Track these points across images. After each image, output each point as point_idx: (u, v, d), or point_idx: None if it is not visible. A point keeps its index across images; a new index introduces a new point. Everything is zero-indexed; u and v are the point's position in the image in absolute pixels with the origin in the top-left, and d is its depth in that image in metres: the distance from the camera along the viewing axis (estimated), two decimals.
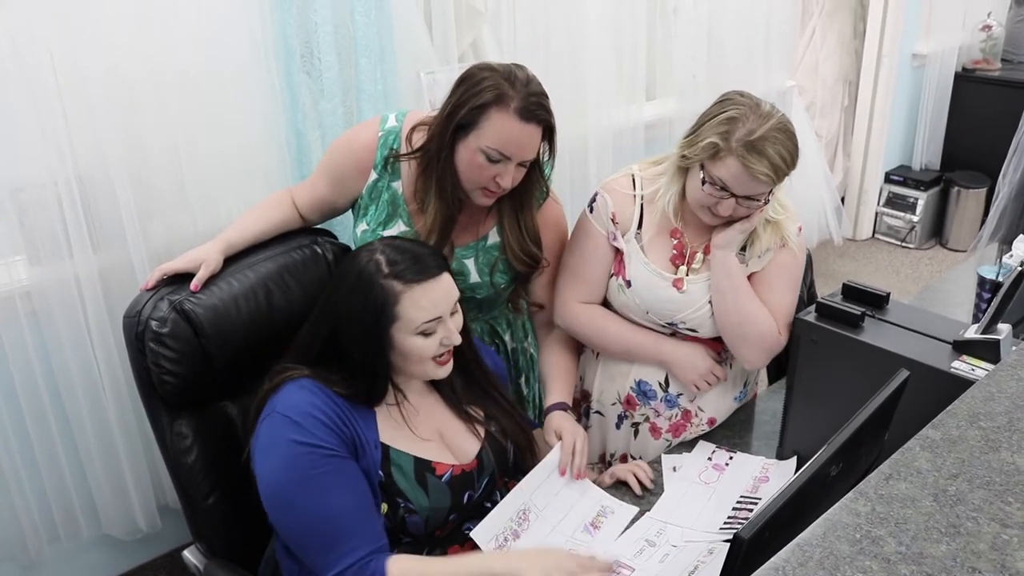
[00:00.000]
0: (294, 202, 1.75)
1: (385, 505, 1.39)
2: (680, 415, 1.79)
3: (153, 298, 1.49)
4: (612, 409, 1.83)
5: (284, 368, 1.40)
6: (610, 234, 1.70)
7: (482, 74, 1.54)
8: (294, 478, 1.29)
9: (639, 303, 1.70)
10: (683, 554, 1.45)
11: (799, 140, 1.57)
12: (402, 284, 1.35)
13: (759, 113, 1.52)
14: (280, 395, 1.35)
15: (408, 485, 1.39)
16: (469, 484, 1.48)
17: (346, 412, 1.36)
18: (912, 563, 0.81)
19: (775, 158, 1.50)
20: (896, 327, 1.53)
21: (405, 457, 1.41)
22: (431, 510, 1.41)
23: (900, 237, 4.63)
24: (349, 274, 1.39)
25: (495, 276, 1.74)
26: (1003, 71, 4.55)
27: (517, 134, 1.53)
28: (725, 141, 1.51)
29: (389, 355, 1.39)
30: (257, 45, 2.01)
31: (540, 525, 1.53)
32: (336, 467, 1.31)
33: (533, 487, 1.58)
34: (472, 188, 1.61)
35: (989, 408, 1.06)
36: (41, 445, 2.02)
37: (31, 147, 1.81)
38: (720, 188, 1.55)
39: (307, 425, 1.30)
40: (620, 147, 2.92)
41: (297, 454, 1.29)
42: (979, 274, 2.04)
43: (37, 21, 1.73)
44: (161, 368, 1.46)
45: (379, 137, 1.70)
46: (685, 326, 1.71)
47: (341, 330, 1.38)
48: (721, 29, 3.19)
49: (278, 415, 1.32)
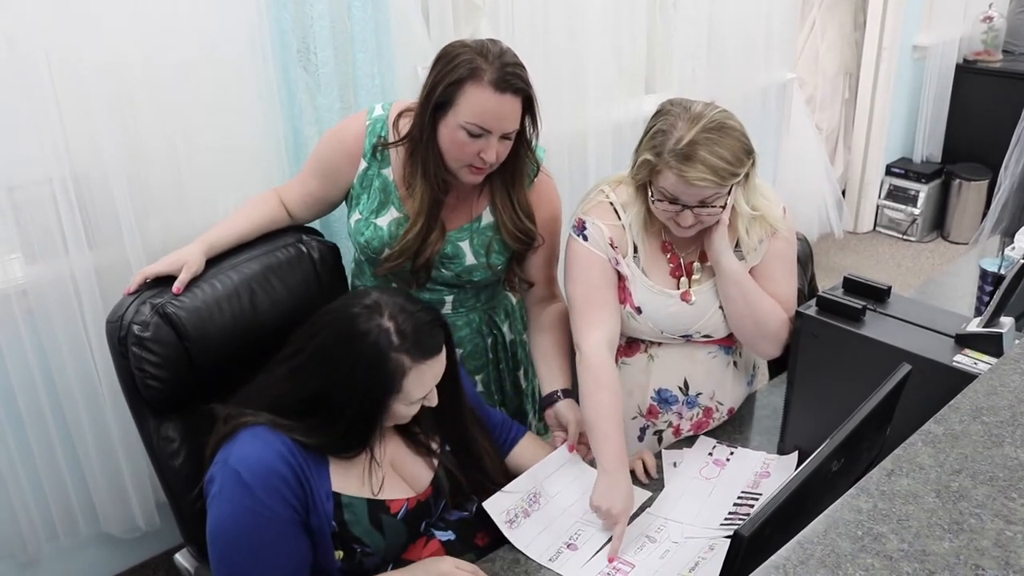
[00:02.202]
0: (282, 200, 1.75)
1: (340, 552, 1.36)
2: (702, 413, 1.77)
3: (135, 302, 1.48)
4: (633, 423, 1.79)
5: (240, 412, 1.35)
6: (612, 259, 1.66)
7: (456, 51, 1.55)
8: (233, 536, 1.29)
9: (652, 326, 1.68)
10: (684, 550, 1.44)
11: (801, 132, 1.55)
12: (411, 360, 1.32)
13: (688, 117, 1.48)
14: (235, 444, 1.31)
15: (363, 530, 1.37)
16: (425, 512, 1.47)
17: (299, 463, 1.31)
18: (915, 560, 0.80)
19: (711, 160, 1.45)
20: (898, 321, 1.52)
21: (358, 502, 1.37)
22: (387, 548, 1.40)
23: (901, 230, 4.61)
24: (351, 340, 1.32)
25: (491, 257, 1.74)
26: (1004, 62, 4.53)
27: (494, 105, 1.52)
28: (658, 156, 1.49)
29: (378, 417, 1.36)
30: (253, 40, 1.99)
31: (550, 508, 1.55)
32: (276, 534, 1.29)
33: (545, 474, 1.61)
34: (458, 166, 1.60)
35: (992, 402, 1.05)
36: (39, 443, 2.02)
37: (26, 144, 1.79)
38: (671, 201, 1.52)
39: (256, 486, 1.27)
40: (619, 141, 2.91)
41: (242, 515, 1.28)
42: (981, 267, 2.02)
43: (32, 17, 1.71)
44: (145, 372, 1.45)
45: (367, 126, 1.71)
46: (700, 335, 1.69)
47: (334, 389, 1.33)
48: (721, 22, 3.18)
49: (230, 468, 1.29)
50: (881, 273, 4.21)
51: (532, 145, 1.68)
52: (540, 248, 1.77)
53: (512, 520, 1.51)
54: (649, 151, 1.51)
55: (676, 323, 1.67)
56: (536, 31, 2.55)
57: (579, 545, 1.49)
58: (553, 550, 1.48)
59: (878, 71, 4.37)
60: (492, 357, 1.92)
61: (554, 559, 1.46)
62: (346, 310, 1.35)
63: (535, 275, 1.81)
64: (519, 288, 1.83)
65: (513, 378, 1.99)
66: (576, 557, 1.46)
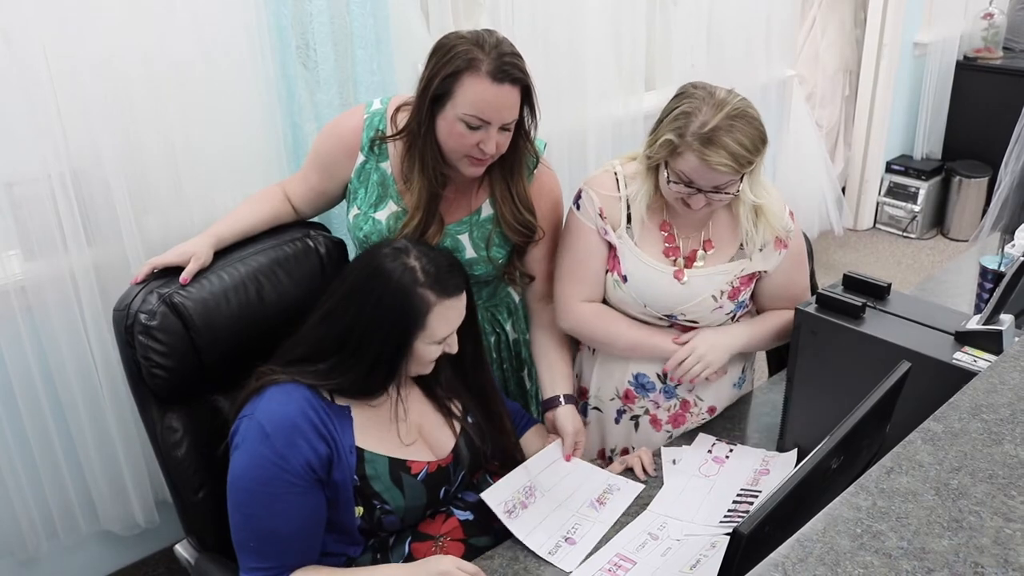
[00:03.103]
0: (287, 196, 1.74)
1: (360, 508, 1.40)
2: (679, 405, 1.78)
3: (142, 291, 1.48)
4: (611, 404, 1.82)
5: (271, 370, 1.40)
6: (600, 229, 1.68)
7: (452, 42, 1.54)
8: (252, 486, 1.33)
9: (636, 297, 1.68)
10: (686, 548, 1.44)
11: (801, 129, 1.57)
12: (435, 296, 1.38)
13: (713, 103, 1.50)
14: (263, 399, 1.36)
15: (383, 486, 1.40)
16: (445, 479, 1.49)
17: (323, 418, 1.36)
18: (914, 558, 0.80)
19: (733, 146, 1.48)
20: (897, 318, 1.52)
21: (380, 459, 1.41)
22: (407, 509, 1.43)
23: (901, 227, 4.61)
24: (378, 276, 1.38)
25: (491, 250, 1.73)
26: (1005, 60, 4.53)
27: (492, 96, 1.51)
28: (680, 137, 1.50)
29: (402, 358, 1.40)
30: (252, 37, 1.99)
31: (546, 501, 1.56)
32: (291, 486, 1.33)
33: (538, 469, 1.61)
34: (457, 158, 1.60)
35: (992, 400, 1.05)
36: (38, 441, 2.01)
37: (25, 141, 1.79)
38: (686, 184, 1.53)
39: (277, 439, 1.32)
40: (619, 138, 2.90)
41: (261, 466, 1.32)
42: (981, 264, 2.02)
43: (30, 14, 1.71)
44: (151, 362, 1.45)
45: (364, 120, 1.70)
46: (685, 318, 1.69)
47: (361, 329, 1.37)
48: (721, 18, 3.17)
49: (256, 421, 1.33)
50: (881, 270, 4.21)
51: (531, 136, 1.67)
52: (541, 241, 1.76)
53: (511, 511, 1.51)
54: (672, 131, 1.51)
55: (662, 299, 1.68)
56: (536, 27, 2.54)
57: (577, 539, 1.49)
58: (552, 543, 1.48)
59: (878, 68, 4.36)
60: (496, 356, 1.92)
61: (553, 552, 1.46)
62: (374, 252, 1.43)
63: (536, 269, 1.80)
64: (519, 282, 1.83)
65: (517, 378, 1.99)
66: (575, 551, 1.46)
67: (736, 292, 1.68)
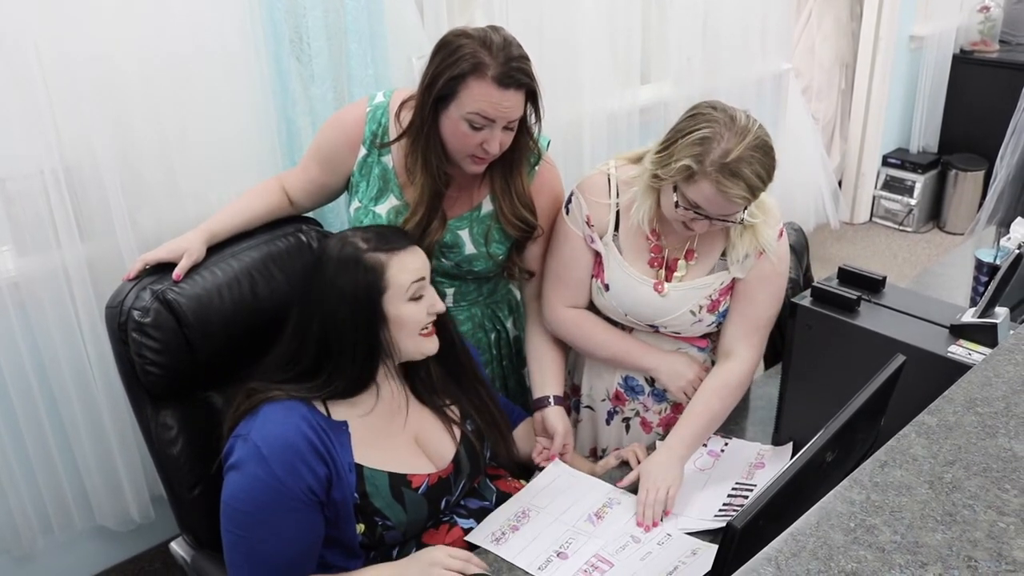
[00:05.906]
0: (284, 189, 1.74)
1: (361, 525, 1.38)
2: (670, 409, 1.78)
3: (135, 288, 1.48)
4: (602, 405, 1.82)
5: (264, 387, 1.38)
6: (586, 236, 1.67)
7: (458, 41, 1.51)
8: (248, 508, 1.30)
9: (616, 306, 1.68)
10: (666, 552, 1.43)
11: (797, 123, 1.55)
12: (385, 254, 1.39)
13: (735, 130, 1.42)
14: (258, 418, 1.33)
15: (384, 503, 1.39)
16: (446, 490, 1.48)
17: (321, 436, 1.34)
18: (907, 552, 0.80)
19: (752, 179, 1.42)
20: (892, 311, 1.52)
21: (380, 475, 1.39)
22: (408, 523, 1.42)
23: (897, 220, 4.61)
24: (328, 262, 1.39)
25: (491, 246, 1.73)
26: (1001, 52, 4.52)
27: (497, 100, 1.50)
28: (699, 164, 1.42)
29: (381, 332, 1.39)
30: (246, 30, 1.98)
31: (542, 518, 1.53)
32: (288, 509, 1.30)
33: (534, 492, 1.58)
34: (461, 156, 1.59)
35: (986, 393, 1.05)
36: (32, 437, 2.01)
37: (17, 136, 1.78)
38: (694, 208, 1.48)
39: (273, 461, 1.29)
40: (615, 131, 2.90)
41: (258, 488, 1.29)
42: (977, 257, 2.02)
43: (21, 8, 1.70)
44: (144, 359, 1.45)
45: (367, 112, 1.69)
46: (668, 329, 1.69)
47: (330, 317, 1.36)
48: (717, 11, 3.16)
49: (251, 442, 1.30)
50: (877, 263, 4.21)
51: (534, 133, 1.66)
52: (540, 238, 1.76)
53: (499, 539, 1.48)
54: (690, 157, 1.43)
55: (642, 310, 1.66)
56: (531, 20, 2.53)
57: (569, 554, 1.45)
58: (543, 558, 1.44)
59: (874, 61, 4.35)
60: (496, 353, 1.91)
61: (543, 568, 1.42)
62: (321, 247, 1.47)
63: (535, 265, 1.80)
64: (519, 278, 1.83)
65: (517, 376, 1.98)
66: (566, 566, 1.42)
67: (715, 305, 1.66)
